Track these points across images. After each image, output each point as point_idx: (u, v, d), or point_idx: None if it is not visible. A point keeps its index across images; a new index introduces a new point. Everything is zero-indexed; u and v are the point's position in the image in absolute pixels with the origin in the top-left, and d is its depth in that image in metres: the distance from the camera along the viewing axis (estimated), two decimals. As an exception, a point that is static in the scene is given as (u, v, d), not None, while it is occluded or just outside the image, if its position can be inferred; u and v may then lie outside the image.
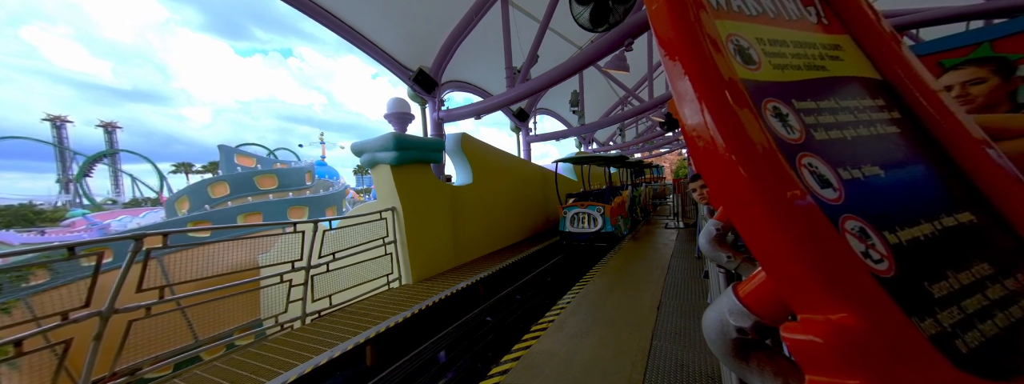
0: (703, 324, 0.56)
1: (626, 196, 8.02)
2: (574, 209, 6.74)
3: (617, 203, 6.91)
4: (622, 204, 7.47)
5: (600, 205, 6.51)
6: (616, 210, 6.84)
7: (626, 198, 7.97)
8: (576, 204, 6.73)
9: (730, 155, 0.39)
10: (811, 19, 0.64)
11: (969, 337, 0.36)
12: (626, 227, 7.73)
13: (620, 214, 7.17)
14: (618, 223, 6.95)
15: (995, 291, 0.42)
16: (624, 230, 7.45)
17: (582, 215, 6.65)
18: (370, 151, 4.75)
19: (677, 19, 0.47)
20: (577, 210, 6.71)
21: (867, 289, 0.34)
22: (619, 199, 7.21)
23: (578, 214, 6.70)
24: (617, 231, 6.75)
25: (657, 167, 19.00)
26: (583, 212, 6.61)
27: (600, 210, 6.50)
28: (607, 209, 6.48)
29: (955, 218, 0.47)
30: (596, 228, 6.48)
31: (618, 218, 6.98)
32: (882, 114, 0.56)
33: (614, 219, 6.70)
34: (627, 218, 7.99)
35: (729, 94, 0.42)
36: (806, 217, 0.37)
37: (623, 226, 7.37)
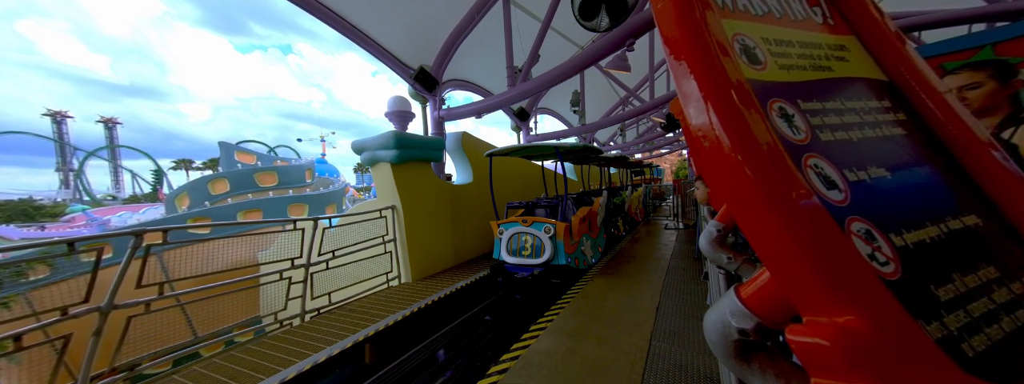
0: (704, 325, 0.56)
1: (599, 205, 5.66)
2: (513, 227, 4.40)
3: (580, 218, 4.71)
4: (589, 219, 5.09)
5: (550, 222, 4.24)
6: (579, 228, 4.65)
7: (599, 208, 5.61)
8: (516, 220, 4.46)
9: (736, 155, 0.39)
10: (817, 19, 0.64)
11: (975, 341, 0.36)
12: (596, 251, 5.31)
13: (586, 233, 4.93)
14: (581, 249, 4.69)
15: (1001, 295, 0.41)
16: (592, 257, 5.07)
17: (524, 237, 4.33)
18: (371, 149, 4.74)
19: (683, 18, 0.46)
20: (517, 229, 4.36)
21: (874, 292, 0.34)
22: (584, 212, 4.90)
23: (518, 236, 4.36)
24: (578, 261, 4.54)
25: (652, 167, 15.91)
26: (525, 232, 4.32)
27: (549, 230, 4.19)
28: (560, 229, 4.19)
29: (961, 221, 0.47)
30: (542, 258, 4.15)
31: (582, 241, 4.72)
32: (888, 116, 0.56)
33: (572, 243, 4.41)
34: (600, 236, 5.64)
35: (735, 94, 0.42)
36: (812, 218, 0.36)
37: (591, 251, 5.06)
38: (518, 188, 7.78)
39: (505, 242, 4.47)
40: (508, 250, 4.44)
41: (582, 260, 4.74)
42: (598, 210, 5.56)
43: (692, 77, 0.44)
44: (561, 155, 5.09)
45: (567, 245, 4.29)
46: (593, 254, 5.17)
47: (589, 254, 5.02)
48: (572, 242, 4.43)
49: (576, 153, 5.36)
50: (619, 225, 7.23)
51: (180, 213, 15.11)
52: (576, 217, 4.64)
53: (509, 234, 4.47)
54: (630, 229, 8.21)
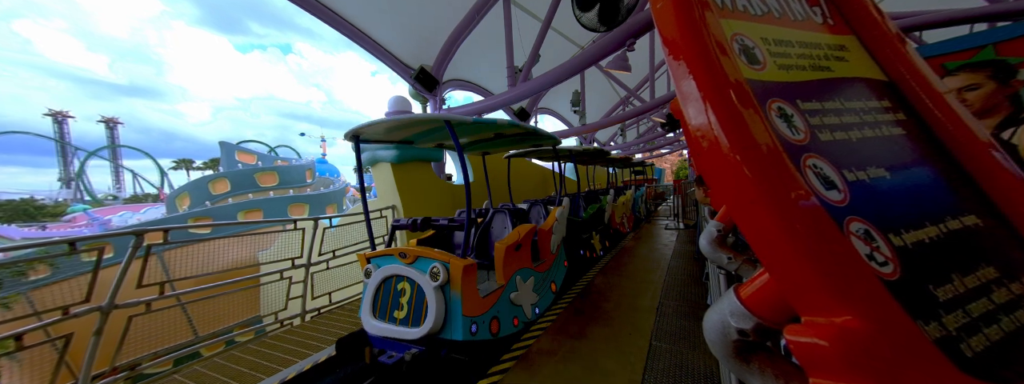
0: (704, 325, 0.56)
1: (554, 219, 3.61)
2: (388, 265, 2.52)
3: (510, 245, 2.84)
4: (531, 243, 3.21)
5: (441, 259, 2.35)
6: (508, 261, 2.81)
7: (554, 223, 3.59)
8: (392, 253, 2.54)
9: (734, 155, 0.39)
10: (817, 19, 0.64)
11: (974, 341, 0.36)
12: (547, 292, 3.36)
13: (527, 267, 3.06)
14: (508, 300, 2.75)
15: (1000, 295, 0.41)
16: (536, 305, 3.11)
17: (401, 285, 2.46)
18: (371, 149, 4.75)
19: (682, 18, 0.46)
20: (395, 270, 2.48)
21: (872, 292, 0.34)
22: (523, 232, 3.03)
23: (393, 281, 2.50)
24: (496, 326, 2.57)
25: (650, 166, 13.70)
26: (401, 276, 2.46)
27: (438, 273, 2.32)
28: (457, 271, 2.32)
29: (960, 221, 0.47)
30: (421, 328, 2.28)
31: (511, 284, 2.82)
32: (887, 116, 0.56)
33: (484, 296, 2.51)
34: (557, 267, 3.66)
35: (734, 94, 0.42)
36: (810, 219, 0.36)
37: (534, 296, 3.10)
38: (519, 189, 7.60)
39: (374, 292, 2.44)
40: (374, 308, 2.45)
41: (510, 319, 2.67)
42: (552, 227, 3.52)
43: (691, 77, 0.44)
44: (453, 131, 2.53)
45: (470, 300, 2.31)
46: (539, 299, 3.13)
47: (529, 302, 2.95)
48: (486, 294, 2.48)
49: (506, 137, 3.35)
50: (595, 243, 5.12)
51: (181, 213, 15.13)
52: (504, 243, 2.74)
53: (379, 278, 2.45)
54: (612, 245, 6.15)
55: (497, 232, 3.62)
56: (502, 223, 3.61)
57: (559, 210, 3.77)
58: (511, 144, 4.02)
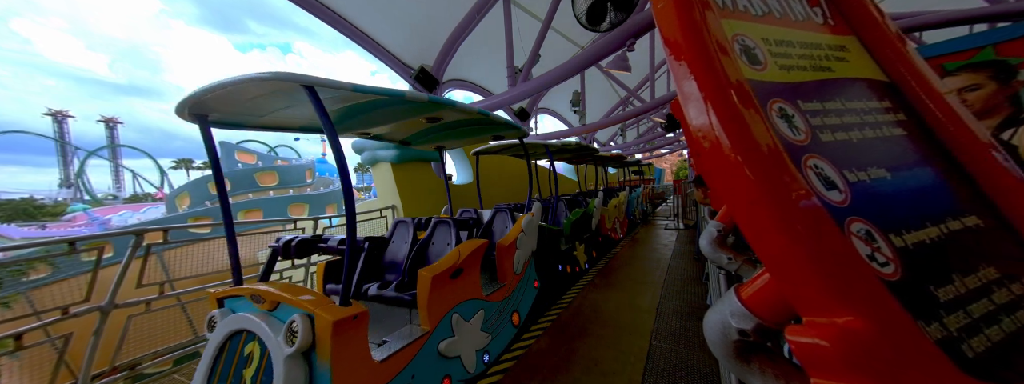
0: (704, 326, 0.56)
1: (520, 230, 2.89)
2: (241, 313, 1.55)
3: (445, 271, 2.02)
4: (477, 272, 2.36)
5: (307, 309, 1.41)
6: (435, 304, 1.96)
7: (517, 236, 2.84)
8: (242, 293, 1.60)
9: (735, 156, 0.39)
10: (817, 20, 0.64)
11: (975, 342, 0.36)
12: (504, 326, 2.60)
13: (476, 298, 2.31)
14: (437, 354, 1.92)
15: (1001, 296, 0.41)
16: (477, 362, 2.20)
17: (248, 348, 1.46)
18: (371, 149, 4.75)
19: (683, 18, 0.46)
20: (242, 322, 1.50)
21: (873, 293, 0.34)
22: (458, 256, 2.14)
23: (240, 341, 1.50)
24: None
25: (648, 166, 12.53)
26: (252, 332, 1.47)
27: (300, 334, 1.35)
28: (329, 330, 1.35)
29: (962, 222, 0.47)
30: None
31: (446, 323, 2.02)
32: (888, 116, 0.56)
33: (371, 381, 1.53)
34: (524, 291, 2.95)
35: (735, 94, 0.42)
36: (811, 219, 0.36)
37: (474, 354, 2.18)
38: (517, 189, 7.25)
39: (208, 361, 1.57)
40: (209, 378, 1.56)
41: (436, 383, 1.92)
42: (516, 240, 2.75)
43: (692, 77, 0.44)
44: None
45: (349, 374, 1.43)
46: (491, 339, 2.37)
47: (475, 347, 2.20)
48: (393, 353, 1.71)
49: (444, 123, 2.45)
50: (579, 255, 4.29)
51: (181, 212, 15.13)
52: (432, 271, 1.94)
53: (223, 334, 1.59)
54: (601, 255, 5.34)
55: (438, 250, 2.62)
56: (445, 238, 2.62)
57: (526, 219, 2.95)
58: (471, 135, 3.08)
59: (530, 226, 3.05)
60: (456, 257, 2.12)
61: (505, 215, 3.34)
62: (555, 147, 4.51)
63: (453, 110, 2.14)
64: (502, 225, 3.30)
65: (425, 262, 2.56)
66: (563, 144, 4.54)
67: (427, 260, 2.60)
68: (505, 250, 2.71)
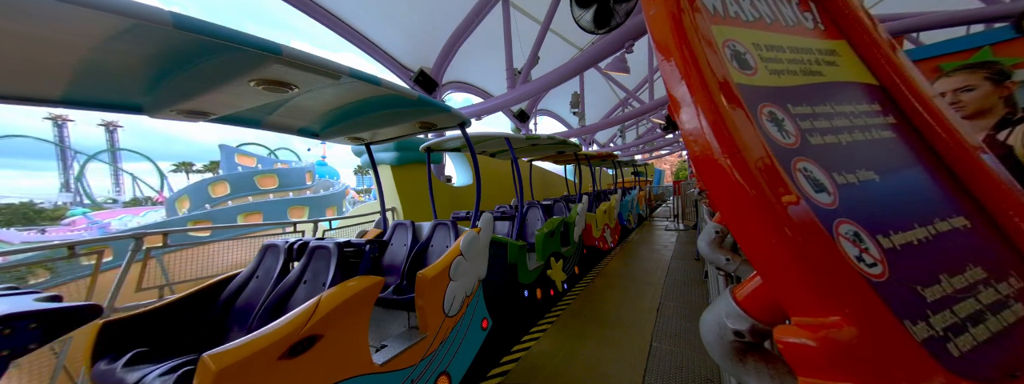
0: (701, 327, 0.57)
1: (457, 255, 2.10)
2: None
3: (269, 349, 1.13)
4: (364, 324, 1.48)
5: None
6: None
7: (452, 265, 2.04)
8: None
9: (725, 159, 0.39)
10: (808, 25, 0.65)
11: (961, 341, 0.37)
12: None
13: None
14: None
15: (988, 295, 0.42)
16: None
17: None
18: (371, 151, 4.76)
19: (674, 24, 0.47)
20: None
21: (859, 293, 0.34)
22: (318, 309, 1.30)
23: None
24: None
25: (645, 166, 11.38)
26: None
27: None
28: None
29: (949, 223, 0.47)
30: None
31: None
32: (878, 119, 0.57)
33: None
34: (438, 355, 1.89)
35: (725, 99, 0.43)
36: (799, 221, 0.37)
37: None
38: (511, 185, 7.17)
39: None
40: None
41: None
42: (448, 268, 2.04)
43: (683, 82, 0.44)
44: None
45: None
46: None
47: None
48: None
49: None
50: (554, 275, 3.52)
51: (181, 216, 15.13)
52: (270, 338, 1.16)
53: None
54: (584, 271, 4.52)
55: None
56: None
57: (466, 239, 2.15)
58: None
59: (473, 247, 2.21)
60: (303, 319, 1.25)
61: (448, 231, 2.54)
62: (518, 140, 3.49)
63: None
64: (443, 245, 2.49)
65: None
66: (530, 137, 3.54)
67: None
68: (429, 285, 1.85)
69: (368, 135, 2.45)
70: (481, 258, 2.35)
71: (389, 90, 1.59)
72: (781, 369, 0.48)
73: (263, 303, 1.77)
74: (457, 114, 2.16)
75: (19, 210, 30.52)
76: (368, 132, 2.36)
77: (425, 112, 2.05)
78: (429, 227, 2.65)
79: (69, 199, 39.67)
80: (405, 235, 2.73)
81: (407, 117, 2.13)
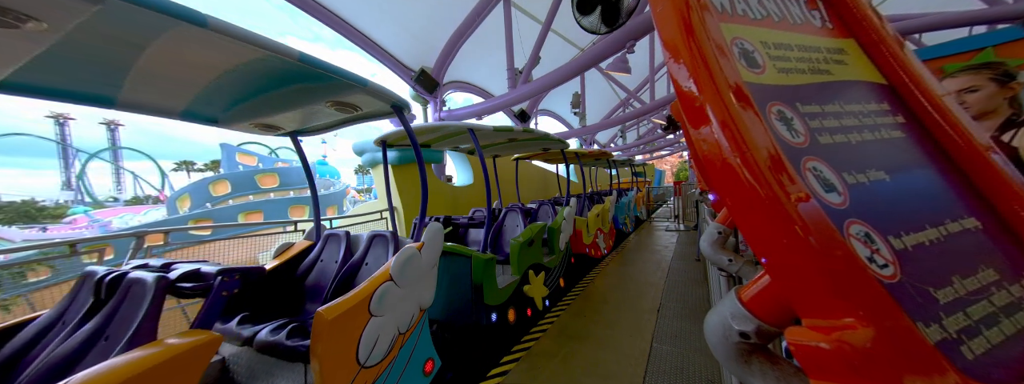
0: (705, 328, 0.56)
1: (364, 300, 1.49)
2: None
3: None
4: None
5: None
6: None
7: (373, 305, 1.51)
8: None
9: (734, 158, 0.39)
10: (815, 23, 0.64)
11: (975, 344, 0.36)
12: None
13: None
14: None
15: (1001, 298, 0.41)
16: None
17: None
18: (372, 151, 4.76)
19: (682, 22, 0.47)
20: None
21: (873, 295, 0.34)
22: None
23: None
24: None
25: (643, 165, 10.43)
26: None
27: None
28: None
29: (961, 224, 0.47)
30: None
31: None
32: (887, 119, 0.56)
33: None
34: None
35: (734, 98, 0.42)
36: (810, 221, 0.36)
37: None
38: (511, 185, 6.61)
39: None
40: None
41: None
42: (364, 303, 1.49)
43: (691, 81, 0.44)
44: None
45: None
46: None
47: None
48: None
49: None
50: (533, 291, 3.07)
51: (182, 214, 15.15)
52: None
53: None
54: (571, 283, 4.05)
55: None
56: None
57: (397, 259, 1.66)
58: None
59: (410, 269, 1.69)
60: None
61: (386, 245, 2.01)
62: (485, 133, 2.92)
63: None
64: (379, 263, 1.92)
65: None
66: (499, 129, 2.98)
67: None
68: (330, 329, 1.33)
69: (284, 122, 1.94)
70: (424, 282, 1.82)
71: (225, 36, 1.03)
72: (787, 370, 0.47)
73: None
74: (379, 92, 1.59)
75: (21, 208, 30.60)
76: (278, 117, 1.83)
77: (334, 88, 1.50)
78: (366, 239, 2.09)
79: (70, 197, 39.75)
80: (337, 249, 2.12)
81: (315, 96, 1.59)
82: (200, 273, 1.27)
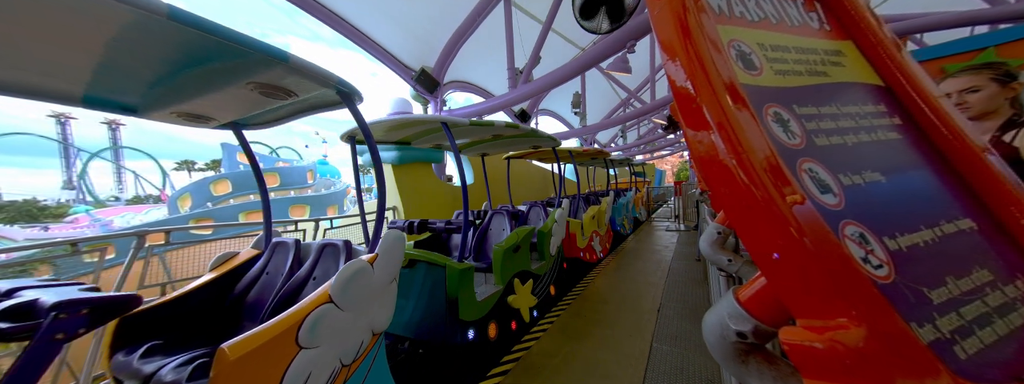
0: (703, 328, 0.56)
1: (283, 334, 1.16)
2: None
3: None
4: None
5: None
6: None
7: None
8: None
9: (730, 159, 0.39)
10: (813, 25, 0.65)
11: (968, 344, 0.37)
12: None
13: None
14: None
15: (995, 298, 0.42)
16: None
17: None
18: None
19: (679, 24, 0.47)
20: None
21: (865, 295, 0.34)
22: None
23: None
24: None
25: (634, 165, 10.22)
26: None
27: None
28: None
29: (956, 225, 0.47)
30: None
31: None
32: (883, 120, 0.57)
33: None
34: None
35: (730, 99, 0.43)
36: (805, 222, 0.37)
37: None
38: (518, 190, 6.84)
39: None
40: None
41: None
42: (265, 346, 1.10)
43: (688, 82, 0.44)
44: None
45: None
46: None
47: None
48: None
49: None
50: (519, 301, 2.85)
51: (183, 214, 15.18)
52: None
53: None
54: (562, 292, 3.76)
55: None
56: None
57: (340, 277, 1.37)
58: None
59: (356, 288, 1.40)
60: None
61: (337, 256, 1.79)
62: (461, 127, 2.56)
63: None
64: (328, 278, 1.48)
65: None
66: (475, 123, 2.60)
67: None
68: (237, 369, 1.08)
69: (215, 112, 1.64)
70: (377, 302, 1.55)
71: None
72: (784, 370, 0.48)
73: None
74: (310, 71, 1.27)
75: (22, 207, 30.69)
76: (203, 105, 1.54)
77: (251, 66, 1.20)
78: (315, 249, 1.84)
79: (72, 197, 39.85)
80: (284, 260, 1.87)
81: (231, 77, 1.29)
82: (32, 308, 0.94)
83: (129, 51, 1.10)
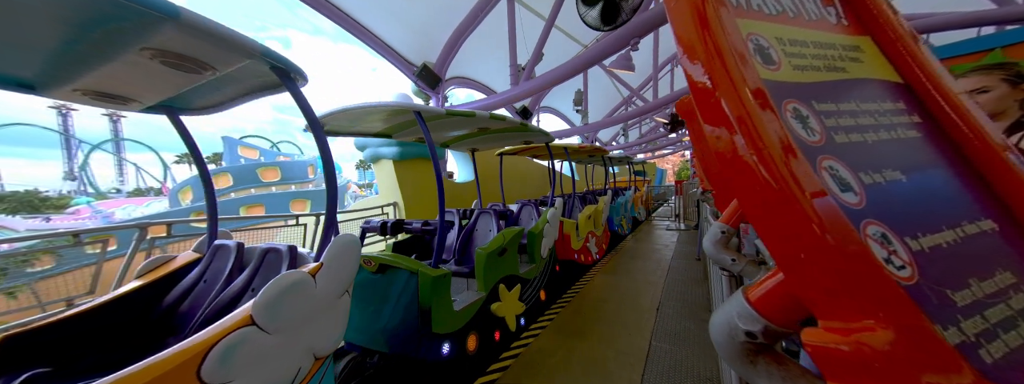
0: (710, 327, 0.55)
1: None
2: None
3: None
4: None
5: None
6: None
7: None
8: None
9: (751, 156, 0.38)
10: (831, 19, 0.63)
11: (993, 347, 0.36)
12: None
13: None
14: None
15: (1019, 301, 0.41)
16: None
17: None
18: (373, 146, 4.75)
19: (698, 17, 0.46)
20: None
21: (892, 296, 0.33)
22: None
23: None
24: None
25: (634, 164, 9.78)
26: None
27: None
28: None
29: (977, 225, 0.46)
30: None
31: None
32: (903, 118, 0.55)
33: None
34: None
35: (750, 94, 0.41)
36: (828, 221, 0.36)
37: None
38: (512, 182, 6.52)
39: None
40: None
41: None
42: None
43: (706, 77, 0.43)
44: None
45: None
46: None
47: None
48: None
49: None
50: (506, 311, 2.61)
51: (184, 207, 15.19)
52: None
53: None
54: (553, 296, 3.58)
55: None
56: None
57: (266, 293, 1.13)
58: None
59: (289, 307, 1.20)
60: None
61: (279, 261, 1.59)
62: (436, 117, 2.33)
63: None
64: None
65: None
66: (452, 113, 2.35)
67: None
68: None
69: (132, 91, 1.40)
70: (321, 321, 1.32)
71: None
72: (793, 371, 0.47)
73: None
74: (221, 34, 1.07)
75: (24, 198, 30.73)
76: (114, 83, 1.30)
77: (133, 27, 0.98)
78: (257, 255, 1.62)
79: (73, 188, 39.91)
80: (223, 267, 1.65)
81: (120, 42, 1.05)
82: None
83: (15, 18, 0.90)
